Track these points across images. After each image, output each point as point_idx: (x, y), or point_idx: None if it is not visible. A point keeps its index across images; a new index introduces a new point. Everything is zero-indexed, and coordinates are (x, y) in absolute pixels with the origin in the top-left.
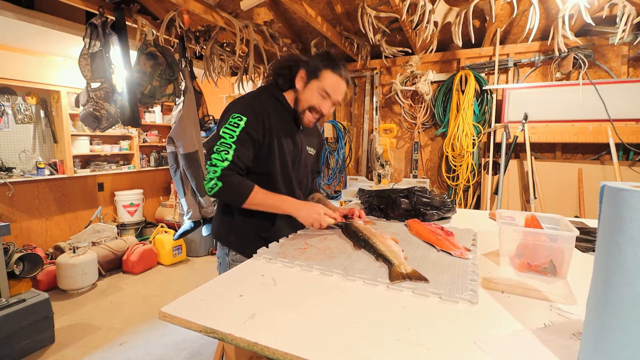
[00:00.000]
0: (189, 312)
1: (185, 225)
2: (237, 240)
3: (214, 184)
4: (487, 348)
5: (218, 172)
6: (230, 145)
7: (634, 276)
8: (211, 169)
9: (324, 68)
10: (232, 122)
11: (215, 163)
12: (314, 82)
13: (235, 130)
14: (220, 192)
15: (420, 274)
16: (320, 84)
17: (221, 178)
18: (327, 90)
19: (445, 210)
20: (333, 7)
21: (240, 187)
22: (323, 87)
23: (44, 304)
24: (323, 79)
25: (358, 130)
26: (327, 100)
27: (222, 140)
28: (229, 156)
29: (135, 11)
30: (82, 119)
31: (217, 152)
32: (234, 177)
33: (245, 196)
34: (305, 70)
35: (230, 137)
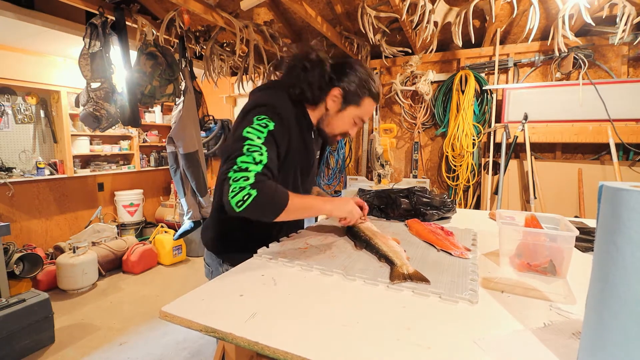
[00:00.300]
0: (190, 311)
1: (185, 225)
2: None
3: (246, 195)
4: (487, 348)
5: (251, 179)
6: (260, 147)
7: (632, 276)
8: (240, 175)
9: (366, 96)
10: (259, 123)
11: (246, 167)
12: (351, 109)
13: (263, 131)
14: (254, 204)
15: (421, 275)
16: (359, 112)
17: (256, 185)
18: (364, 119)
19: (445, 210)
20: (333, 7)
21: (279, 194)
22: (361, 116)
23: (44, 304)
24: (363, 106)
25: (358, 130)
26: (358, 125)
27: (249, 141)
28: (264, 158)
29: (135, 11)
30: (82, 119)
31: (248, 152)
32: (268, 182)
33: (283, 205)
34: (343, 92)
35: (258, 137)
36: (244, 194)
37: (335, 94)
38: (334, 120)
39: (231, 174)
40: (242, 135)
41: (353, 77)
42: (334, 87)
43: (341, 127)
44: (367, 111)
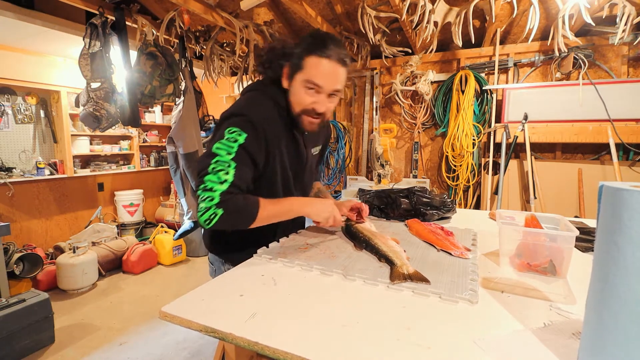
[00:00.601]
0: (190, 311)
1: (185, 225)
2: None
3: (212, 214)
4: (487, 348)
5: (216, 199)
6: (228, 163)
7: (632, 276)
8: (205, 194)
9: (307, 54)
10: (229, 137)
11: (211, 187)
12: (298, 76)
13: (233, 146)
14: (221, 221)
15: (421, 275)
16: (305, 75)
17: (221, 204)
18: (315, 80)
19: (445, 210)
20: (333, 7)
21: (246, 208)
22: (308, 79)
23: (44, 304)
24: (307, 68)
25: (358, 130)
26: (320, 95)
27: (217, 158)
28: (229, 176)
29: (135, 11)
30: (82, 119)
31: (214, 172)
32: (235, 198)
33: (253, 217)
34: (289, 64)
35: (228, 153)
36: (210, 213)
37: (285, 71)
38: (292, 97)
39: (199, 193)
40: (211, 151)
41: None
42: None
43: (297, 101)
44: (317, 72)
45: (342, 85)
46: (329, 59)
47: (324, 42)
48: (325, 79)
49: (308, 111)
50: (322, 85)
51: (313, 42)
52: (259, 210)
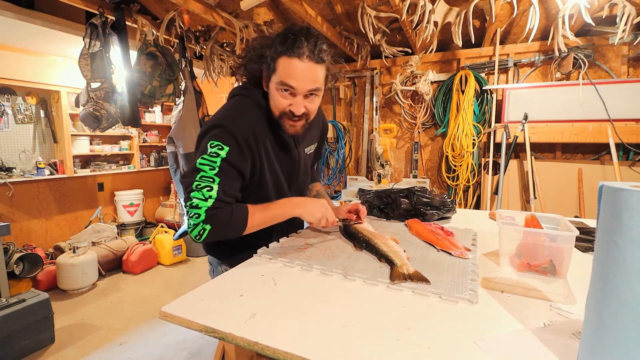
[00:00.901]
0: (190, 311)
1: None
2: (231, 254)
3: (201, 230)
4: (487, 348)
5: (202, 215)
6: (212, 178)
7: (632, 276)
8: (193, 211)
9: (278, 56)
10: (211, 151)
11: (196, 204)
12: (273, 79)
13: (216, 160)
14: (211, 235)
15: (422, 275)
16: (277, 77)
17: (207, 220)
18: (288, 82)
19: (445, 210)
20: (333, 7)
21: (233, 220)
22: (281, 80)
23: (44, 304)
24: (279, 70)
25: (358, 130)
26: (296, 97)
27: (201, 174)
28: (213, 192)
29: (135, 11)
30: (82, 119)
31: (198, 189)
32: (221, 212)
33: (242, 226)
34: (265, 67)
35: (211, 168)
36: (199, 229)
37: (264, 74)
38: (270, 101)
39: (187, 209)
40: (195, 167)
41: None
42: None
43: (275, 105)
44: (288, 73)
45: (319, 83)
46: (299, 58)
47: (294, 41)
48: (298, 79)
49: (286, 114)
50: (296, 86)
51: (283, 42)
52: (248, 218)
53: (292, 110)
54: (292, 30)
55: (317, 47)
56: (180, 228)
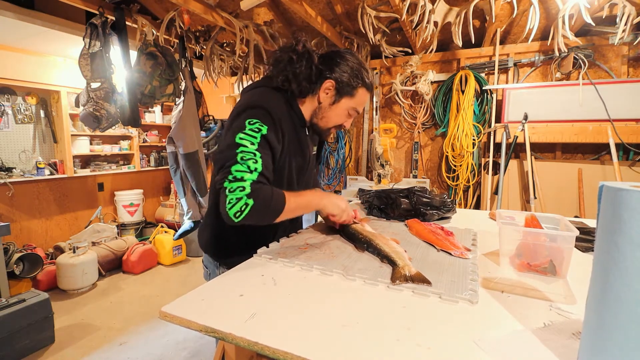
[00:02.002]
0: (190, 311)
1: (185, 225)
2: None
3: (243, 205)
4: (487, 348)
5: (247, 188)
6: (254, 153)
7: (632, 276)
8: (235, 185)
9: (359, 86)
10: (251, 127)
11: (241, 176)
12: (345, 101)
13: (256, 136)
14: (252, 213)
15: (423, 277)
16: (354, 103)
17: (252, 194)
18: (359, 109)
19: (445, 210)
20: (333, 7)
21: (274, 199)
22: (355, 107)
23: (44, 304)
24: (357, 97)
25: (358, 130)
26: (353, 117)
27: (242, 148)
28: (258, 165)
29: (135, 11)
30: (82, 119)
31: (242, 161)
32: (264, 188)
33: (281, 209)
34: (336, 84)
35: (252, 144)
36: (241, 204)
37: (327, 86)
38: (328, 113)
39: (227, 184)
40: (235, 142)
41: (345, 67)
42: (327, 79)
43: (335, 120)
44: (362, 101)
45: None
46: (370, 91)
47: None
48: (362, 107)
49: (338, 127)
50: (359, 112)
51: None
52: (286, 203)
53: (345, 126)
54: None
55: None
56: (180, 228)
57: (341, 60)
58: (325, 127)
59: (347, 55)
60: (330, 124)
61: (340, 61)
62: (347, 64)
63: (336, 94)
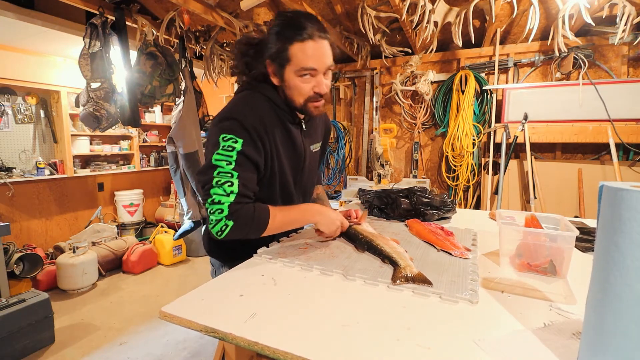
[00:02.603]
0: (190, 311)
1: (185, 225)
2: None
3: (223, 226)
4: (487, 348)
5: (225, 211)
6: (230, 173)
7: (632, 276)
8: (214, 207)
9: (289, 44)
10: (225, 145)
11: (218, 200)
12: (288, 69)
13: (232, 154)
14: (233, 232)
15: (425, 277)
16: (295, 66)
17: (231, 216)
18: (308, 66)
19: (445, 210)
20: (333, 7)
21: (256, 218)
22: (301, 67)
23: (44, 304)
24: (294, 58)
25: (358, 130)
26: (317, 76)
27: (219, 169)
28: (234, 187)
29: (135, 11)
30: (82, 119)
31: (219, 185)
32: (245, 208)
33: (264, 226)
34: (271, 61)
35: (228, 163)
36: (221, 225)
37: (270, 68)
38: (289, 91)
39: (207, 206)
40: (212, 163)
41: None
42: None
43: (298, 93)
44: (305, 57)
45: (332, 59)
46: (312, 39)
47: (299, 25)
48: (317, 60)
49: (311, 97)
50: (317, 67)
51: (289, 29)
52: (269, 220)
53: (317, 92)
54: (289, 17)
55: (319, 24)
56: (180, 228)
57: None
58: (299, 104)
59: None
60: (299, 98)
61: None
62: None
63: (278, 69)
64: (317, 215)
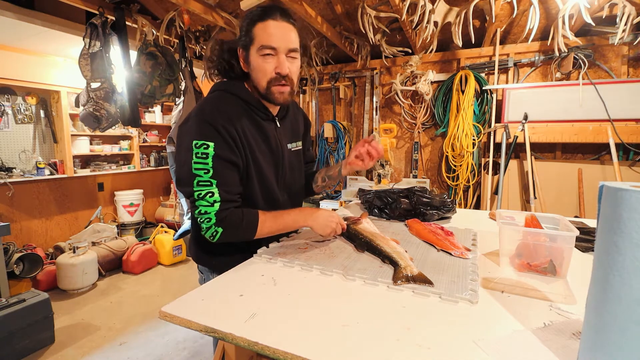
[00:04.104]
0: (190, 311)
1: (185, 225)
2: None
3: (214, 232)
4: (487, 348)
5: (213, 219)
6: (209, 182)
7: (632, 276)
8: (203, 217)
9: (253, 25)
10: (199, 152)
11: (204, 210)
12: (252, 49)
13: (207, 161)
14: (224, 237)
15: (425, 277)
16: (257, 44)
17: (219, 223)
18: (268, 43)
19: (445, 210)
20: (333, 7)
21: (244, 223)
22: (261, 44)
23: (44, 304)
24: (257, 37)
25: (358, 130)
26: (278, 55)
27: (197, 179)
28: (216, 196)
29: (135, 11)
30: (82, 119)
31: (200, 197)
32: (232, 214)
33: (253, 231)
34: (241, 47)
35: (205, 171)
36: (212, 231)
37: (240, 55)
38: (254, 73)
39: (196, 215)
40: (191, 172)
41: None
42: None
43: (261, 73)
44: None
45: (296, 44)
46: (274, 19)
47: (264, 9)
48: (277, 38)
49: (274, 79)
50: (277, 45)
51: (255, 13)
52: (258, 225)
53: (278, 72)
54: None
55: (285, 10)
56: (180, 228)
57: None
58: (263, 87)
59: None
60: (263, 82)
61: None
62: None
63: (245, 54)
64: (310, 219)
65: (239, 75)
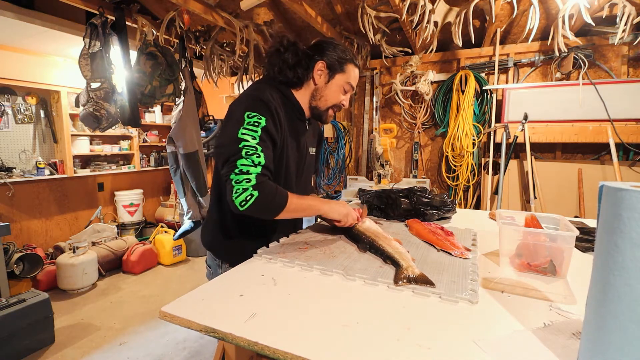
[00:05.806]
0: (190, 311)
1: (185, 225)
2: (232, 256)
3: (249, 195)
4: (487, 348)
5: (253, 180)
6: (256, 147)
7: (632, 276)
8: (242, 177)
9: (349, 62)
10: (251, 121)
11: (246, 170)
12: (339, 77)
13: (257, 130)
14: (256, 204)
15: (427, 278)
16: (346, 77)
17: (257, 186)
18: (352, 83)
19: (445, 210)
20: (333, 7)
21: (277, 194)
22: (349, 81)
23: (44, 304)
24: (348, 72)
25: (358, 130)
26: (348, 94)
27: (244, 143)
28: (262, 159)
29: (135, 11)
30: (82, 119)
31: (247, 156)
32: (268, 183)
33: (283, 205)
34: (327, 63)
35: (253, 138)
36: (246, 194)
37: (319, 67)
38: (325, 92)
39: (233, 177)
40: (237, 137)
41: (331, 49)
42: (317, 62)
43: (333, 97)
44: (353, 76)
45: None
46: (359, 69)
47: (353, 54)
48: (355, 82)
49: (336, 106)
50: (354, 87)
51: (350, 54)
52: (288, 201)
53: (342, 104)
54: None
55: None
56: (180, 228)
57: (326, 44)
58: (324, 107)
59: (331, 41)
60: (329, 103)
61: (326, 45)
62: (333, 47)
63: (329, 72)
64: (325, 205)
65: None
